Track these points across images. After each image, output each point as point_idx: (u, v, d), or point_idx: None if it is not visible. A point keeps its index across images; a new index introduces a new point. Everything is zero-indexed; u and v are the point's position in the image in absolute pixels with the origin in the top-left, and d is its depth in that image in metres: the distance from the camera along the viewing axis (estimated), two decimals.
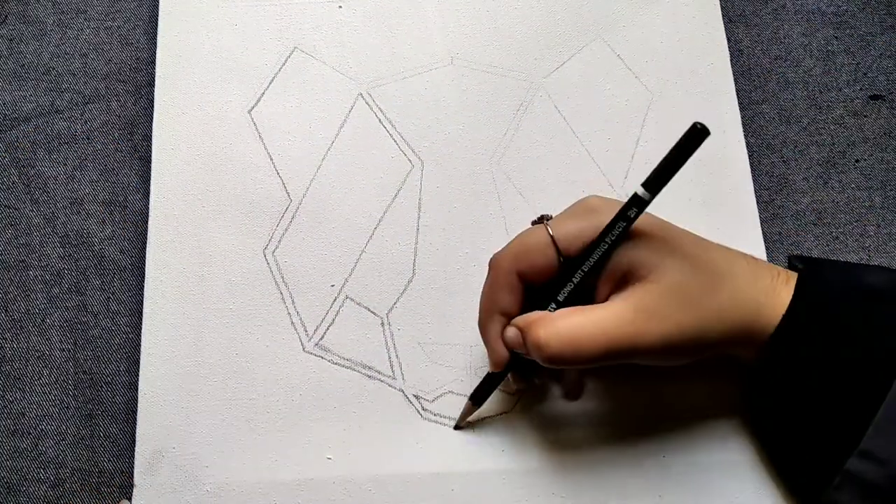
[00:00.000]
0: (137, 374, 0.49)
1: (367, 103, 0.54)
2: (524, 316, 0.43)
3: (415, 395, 0.49)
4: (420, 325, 0.50)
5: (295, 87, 0.55)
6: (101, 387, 0.50)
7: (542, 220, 0.45)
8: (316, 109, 0.54)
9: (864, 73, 0.57)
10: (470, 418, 0.48)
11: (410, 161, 0.53)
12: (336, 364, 0.49)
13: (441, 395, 0.49)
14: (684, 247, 0.42)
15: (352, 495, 0.47)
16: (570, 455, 0.48)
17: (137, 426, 0.48)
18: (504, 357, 0.45)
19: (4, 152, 0.54)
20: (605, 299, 0.42)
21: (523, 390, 0.49)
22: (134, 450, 0.48)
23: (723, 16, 0.56)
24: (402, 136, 0.53)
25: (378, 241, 0.51)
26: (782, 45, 0.57)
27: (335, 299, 0.50)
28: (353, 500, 0.47)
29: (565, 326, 0.41)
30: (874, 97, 0.56)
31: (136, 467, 0.47)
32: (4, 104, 0.55)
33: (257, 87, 0.54)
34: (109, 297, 0.51)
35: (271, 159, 0.53)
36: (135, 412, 0.48)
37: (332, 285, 0.51)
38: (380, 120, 0.54)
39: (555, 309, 0.43)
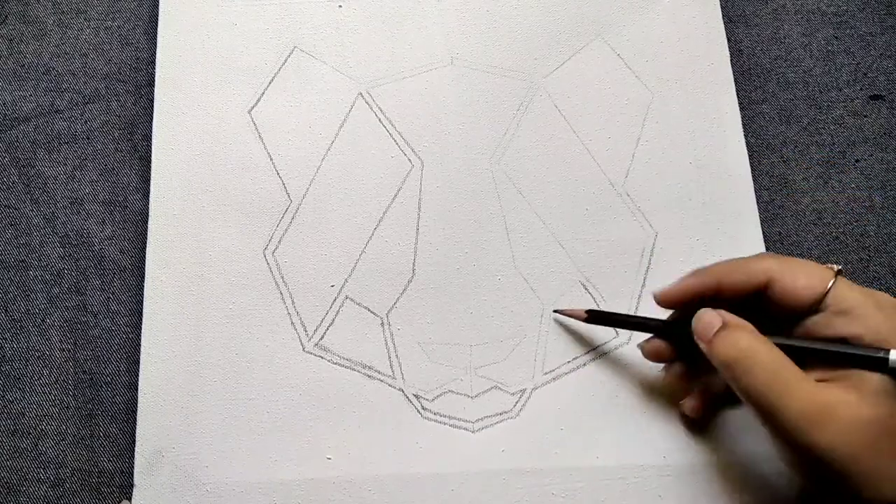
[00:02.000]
0: (137, 374, 0.49)
1: (366, 103, 0.54)
2: (737, 319, 0.42)
3: (415, 395, 0.49)
4: (420, 324, 0.50)
5: (295, 86, 0.55)
6: (101, 387, 0.50)
7: (838, 272, 0.42)
8: (316, 109, 0.54)
9: (864, 73, 0.57)
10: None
11: (410, 161, 0.53)
12: (336, 364, 0.49)
13: (441, 395, 0.49)
14: None
15: (351, 495, 0.47)
16: (570, 455, 0.48)
17: (137, 426, 0.48)
18: (680, 300, 0.44)
19: (4, 152, 0.54)
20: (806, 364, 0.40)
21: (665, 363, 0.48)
22: (134, 450, 0.48)
23: (723, 16, 0.56)
24: (401, 136, 0.53)
25: (378, 241, 0.51)
26: (782, 45, 0.57)
27: (335, 299, 0.50)
28: (352, 499, 0.47)
29: (766, 354, 0.40)
30: (874, 97, 0.56)
31: (135, 467, 0.47)
32: (4, 104, 0.55)
33: (257, 86, 0.54)
34: (109, 297, 0.51)
35: (271, 159, 0.53)
36: (135, 412, 0.48)
37: (332, 285, 0.51)
38: (380, 120, 0.54)
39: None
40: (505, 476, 0.47)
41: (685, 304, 0.44)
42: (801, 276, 0.41)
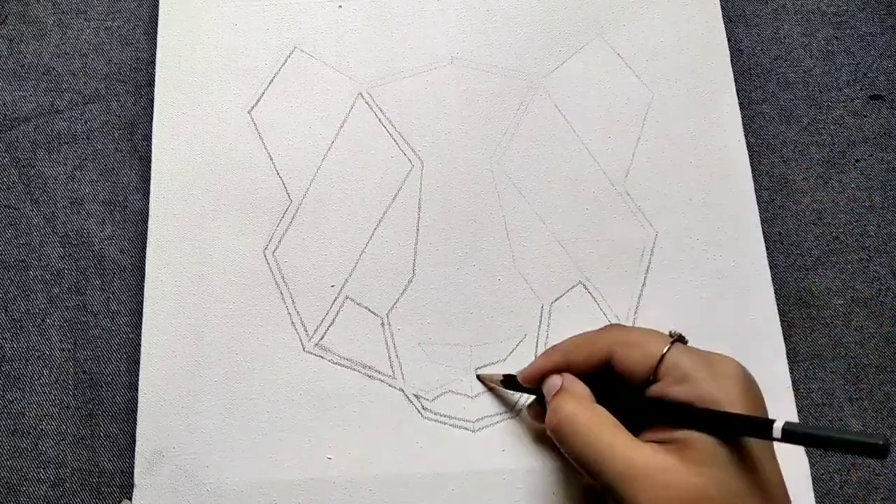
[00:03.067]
0: (137, 374, 0.49)
1: (366, 103, 0.54)
2: (572, 384, 0.43)
3: (415, 395, 0.49)
4: (420, 324, 0.50)
5: (295, 87, 0.55)
6: (101, 387, 0.50)
7: (677, 337, 0.42)
8: (316, 109, 0.54)
9: (864, 73, 0.57)
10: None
11: (410, 161, 0.53)
12: (336, 364, 0.49)
13: (441, 395, 0.49)
14: (766, 491, 0.39)
15: (352, 495, 0.47)
16: None
17: (137, 426, 0.48)
18: (531, 381, 0.45)
19: (4, 152, 0.54)
20: (644, 439, 0.40)
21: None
22: (134, 449, 0.48)
23: (723, 16, 0.56)
24: (401, 136, 0.53)
25: (378, 241, 0.51)
26: (782, 45, 0.57)
27: (335, 299, 0.50)
28: (352, 499, 0.47)
29: (584, 417, 0.40)
30: (874, 97, 0.56)
31: (136, 467, 0.47)
32: (4, 104, 0.55)
33: (257, 87, 0.54)
34: (109, 297, 0.51)
35: (271, 159, 0.53)
36: (135, 412, 0.48)
37: (333, 285, 0.51)
38: (380, 120, 0.54)
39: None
40: (505, 476, 0.47)
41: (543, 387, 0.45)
42: (637, 349, 0.42)
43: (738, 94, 0.55)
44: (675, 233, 0.52)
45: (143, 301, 0.50)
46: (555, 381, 0.43)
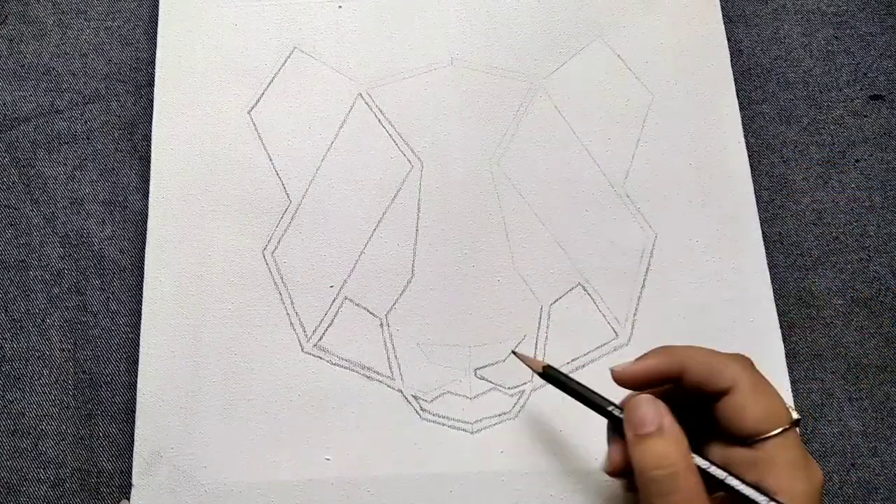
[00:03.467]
0: (137, 374, 0.49)
1: (366, 103, 0.54)
2: (679, 430, 0.39)
3: (413, 396, 0.49)
4: (419, 325, 0.50)
5: (295, 87, 0.55)
6: (101, 387, 0.50)
7: (795, 423, 0.39)
8: (316, 109, 0.54)
9: (864, 73, 0.57)
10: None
11: (410, 161, 0.53)
12: (335, 365, 0.49)
13: (440, 396, 0.49)
14: None
15: (350, 496, 0.47)
16: (569, 457, 0.48)
17: (136, 426, 0.48)
18: (633, 379, 0.41)
19: (4, 152, 0.54)
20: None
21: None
22: (133, 450, 0.48)
23: (723, 16, 0.56)
24: (401, 137, 0.53)
25: (377, 241, 0.51)
26: (782, 45, 0.57)
27: (334, 300, 0.50)
28: (351, 500, 0.47)
29: (685, 484, 0.37)
30: (874, 97, 0.56)
31: (134, 467, 0.47)
32: (4, 104, 0.55)
33: (257, 87, 0.54)
34: (109, 297, 0.52)
35: (271, 159, 0.53)
36: (134, 412, 0.48)
37: (332, 286, 0.51)
38: (379, 120, 0.54)
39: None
40: (504, 477, 0.47)
41: (645, 385, 0.41)
42: (761, 405, 0.39)
43: (738, 94, 0.55)
44: (675, 234, 0.52)
45: (142, 301, 0.50)
46: (650, 411, 0.39)
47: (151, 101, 0.54)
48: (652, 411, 0.39)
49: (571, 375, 0.44)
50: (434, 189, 0.52)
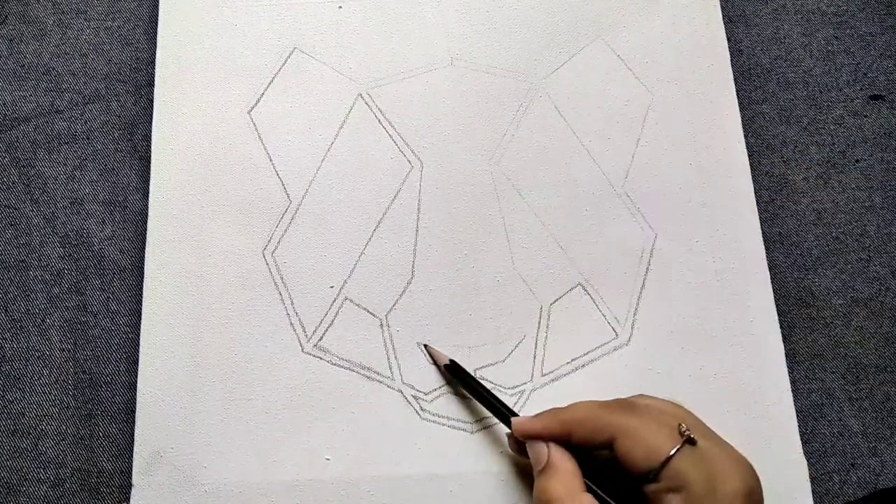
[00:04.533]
0: (137, 375, 0.49)
1: (366, 104, 0.54)
2: (564, 459, 0.42)
3: (413, 396, 0.49)
4: (419, 326, 0.50)
5: (295, 87, 0.55)
6: (101, 387, 0.50)
7: (689, 440, 0.40)
8: (316, 110, 0.54)
9: (864, 73, 0.57)
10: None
11: (410, 162, 0.53)
12: (335, 365, 0.49)
13: (439, 396, 0.49)
14: None
15: (350, 496, 0.47)
16: None
17: (136, 426, 0.48)
18: (523, 435, 0.44)
19: (4, 152, 0.54)
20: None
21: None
22: (133, 450, 0.48)
23: (723, 16, 0.56)
24: (401, 137, 0.53)
25: (377, 242, 0.51)
26: (782, 45, 0.57)
27: (334, 300, 0.50)
28: (350, 500, 0.47)
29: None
30: (874, 97, 0.56)
31: (134, 467, 0.47)
32: (4, 104, 0.55)
33: (257, 87, 0.54)
34: (109, 297, 0.51)
35: (271, 160, 0.53)
36: (134, 412, 0.48)
37: (332, 286, 0.51)
38: (379, 120, 0.54)
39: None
40: (503, 477, 0.47)
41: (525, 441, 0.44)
42: (642, 445, 0.40)
43: (738, 94, 0.55)
44: (675, 234, 0.52)
45: (142, 301, 0.50)
46: (541, 452, 0.43)
47: (151, 101, 0.54)
48: (540, 449, 0.43)
49: (476, 375, 0.48)
50: (434, 189, 0.52)
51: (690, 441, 0.40)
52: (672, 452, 0.39)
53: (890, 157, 0.55)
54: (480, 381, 0.48)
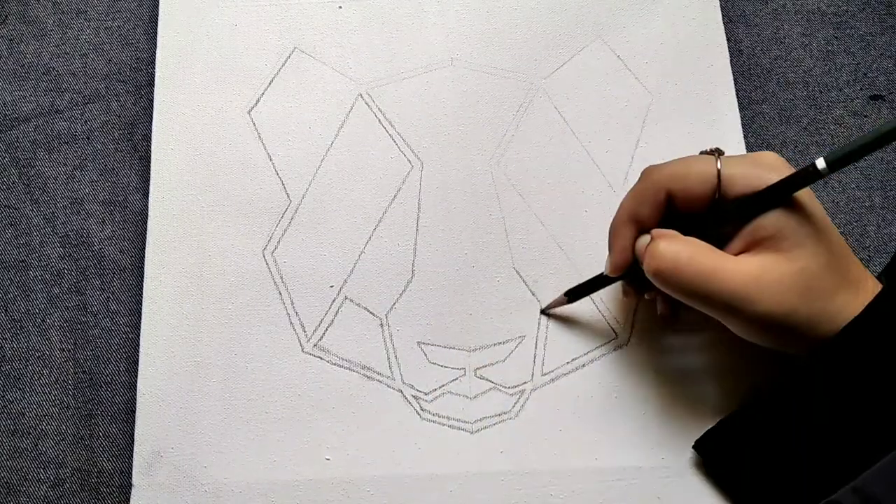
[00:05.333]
0: (137, 375, 0.49)
1: (366, 104, 0.54)
2: (662, 230, 0.44)
3: (413, 396, 0.49)
4: (419, 325, 0.50)
5: (295, 87, 0.55)
6: (101, 387, 0.50)
7: (716, 152, 0.44)
8: (316, 110, 0.54)
9: (864, 73, 0.57)
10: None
11: (410, 161, 0.53)
12: (335, 365, 0.49)
13: (440, 396, 0.49)
14: (832, 240, 0.42)
15: (350, 496, 0.47)
16: (569, 457, 0.48)
17: (136, 426, 0.48)
18: (625, 262, 0.45)
19: (4, 152, 0.54)
20: (735, 254, 0.43)
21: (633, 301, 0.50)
22: (133, 450, 0.48)
23: (723, 16, 0.56)
24: (401, 137, 0.53)
25: (377, 241, 0.51)
26: (782, 45, 0.57)
27: (334, 300, 0.50)
28: (350, 500, 0.47)
29: (685, 252, 0.42)
30: (874, 97, 0.56)
31: (134, 467, 0.47)
32: (4, 104, 0.55)
33: (257, 87, 0.54)
34: (109, 297, 0.52)
35: (271, 160, 0.53)
36: (134, 412, 0.48)
37: (332, 286, 0.51)
38: (379, 120, 0.54)
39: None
40: (503, 477, 0.47)
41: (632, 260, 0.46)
42: (692, 177, 0.43)
43: (738, 94, 0.55)
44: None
45: (142, 301, 0.50)
46: (643, 239, 0.44)
47: (151, 101, 0.54)
48: (644, 237, 0.44)
49: (476, 375, 0.49)
50: (434, 189, 0.52)
51: (719, 152, 0.44)
52: (718, 165, 0.42)
53: (890, 157, 0.55)
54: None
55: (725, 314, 0.42)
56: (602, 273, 0.47)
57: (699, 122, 0.54)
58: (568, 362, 0.50)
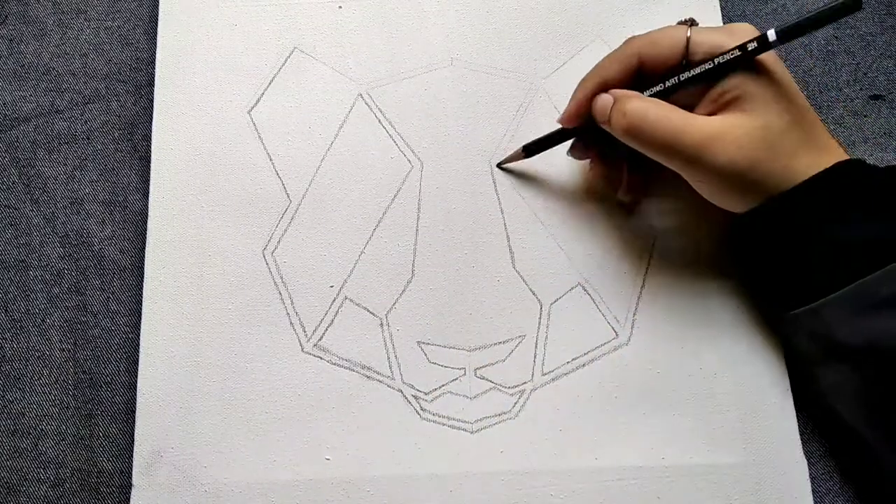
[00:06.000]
0: (137, 375, 0.49)
1: (366, 104, 0.54)
2: (623, 91, 0.47)
3: (413, 396, 0.49)
4: (419, 325, 0.50)
5: (295, 87, 0.55)
6: (101, 387, 0.50)
7: (690, 22, 0.47)
8: (315, 110, 0.54)
9: (864, 73, 0.57)
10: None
11: (410, 161, 0.53)
12: (335, 364, 0.49)
13: (440, 396, 0.49)
14: (798, 103, 0.45)
15: (350, 496, 0.47)
16: (569, 456, 0.48)
17: (136, 426, 0.48)
18: (579, 113, 0.48)
19: (4, 152, 0.54)
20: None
21: (579, 158, 0.52)
22: (133, 450, 0.48)
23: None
24: (401, 137, 0.53)
25: (377, 241, 0.51)
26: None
27: (334, 300, 0.50)
28: (351, 500, 0.47)
29: (653, 109, 0.45)
30: (874, 97, 0.56)
31: (134, 467, 0.47)
32: (4, 104, 0.55)
33: (257, 87, 0.54)
34: (109, 297, 0.52)
35: (271, 159, 0.53)
36: (134, 412, 0.48)
37: (332, 286, 0.51)
38: (379, 120, 0.54)
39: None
40: (503, 477, 0.48)
41: (586, 115, 0.48)
42: (663, 43, 0.46)
43: None
44: (675, 234, 0.52)
45: (142, 301, 0.50)
46: (605, 98, 0.47)
47: (151, 101, 0.54)
48: (605, 96, 0.47)
49: (476, 375, 0.50)
50: (434, 189, 0.52)
51: (693, 22, 0.47)
52: (688, 33, 0.46)
53: (890, 157, 0.55)
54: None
55: (689, 167, 0.45)
56: (560, 128, 0.50)
57: None
58: (568, 362, 0.50)
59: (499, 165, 0.52)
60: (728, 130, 0.43)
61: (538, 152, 0.51)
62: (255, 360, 0.49)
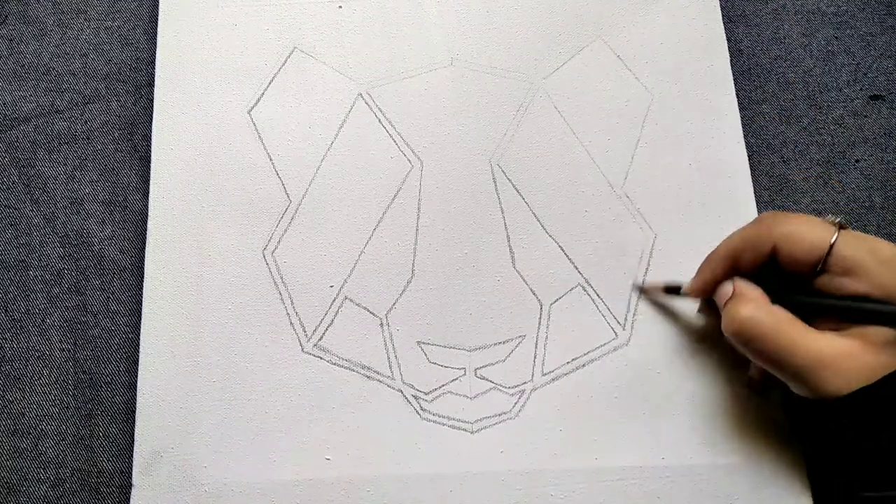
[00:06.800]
0: (137, 375, 0.49)
1: (366, 103, 0.54)
2: (743, 287, 0.44)
3: (413, 396, 0.49)
4: (419, 325, 0.50)
5: (295, 87, 0.55)
6: (101, 387, 0.50)
7: (839, 225, 0.43)
8: (316, 109, 0.54)
9: (864, 73, 0.57)
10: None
11: (410, 161, 0.53)
12: (335, 364, 0.49)
13: (440, 396, 0.49)
14: None
15: (350, 496, 0.47)
16: (569, 456, 0.48)
17: (136, 426, 0.48)
18: (703, 294, 0.47)
19: (4, 152, 0.54)
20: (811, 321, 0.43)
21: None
22: (133, 450, 0.48)
23: (723, 16, 0.56)
24: (401, 137, 0.53)
25: (377, 241, 0.51)
26: (782, 45, 0.57)
27: (334, 300, 0.50)
28: (351, 500, 0.47)
29: (766, 320, 0.42)
30: (874, 97, 0.56)
31: (134, 467, 0.47)
32: (4, 104, 0.55)
33: (257, 87, 0.54)
34: (109, 297, 0.52)
35: (271, 159, 0.53)
36: (134, 412, 0.48)
37: (332, 286, 0.51)
38: (379, 120, 0.54)
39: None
40: (503, 477, 0.47)
41: (712, 292, 0.47)
42: (803, 242, 0.43)
43: (738, 94, 0.55)
44: (675, 235, 0.52)
45: (142, 301, 0.50)
46: (726, 289, 0.45)
47: (151, 101, 0.54)
48: (726, 285, 0.45)
49: (476, 375, 0.50)
50: (434, 189, 0.52)
51: (842, 226, 0.43)
52: (833, 240, 0.42)
53: (890, 157, 0.55)
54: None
55: (792, 381, 0.42)
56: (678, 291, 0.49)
57: (699, 122, 0.54)
58: (568, 362, 0.50)
59: (640, 288, 0.51)
60: (843, 361, 0.40)
61: (677, 295, 0.50)
62: (255, 360, 0.49)
